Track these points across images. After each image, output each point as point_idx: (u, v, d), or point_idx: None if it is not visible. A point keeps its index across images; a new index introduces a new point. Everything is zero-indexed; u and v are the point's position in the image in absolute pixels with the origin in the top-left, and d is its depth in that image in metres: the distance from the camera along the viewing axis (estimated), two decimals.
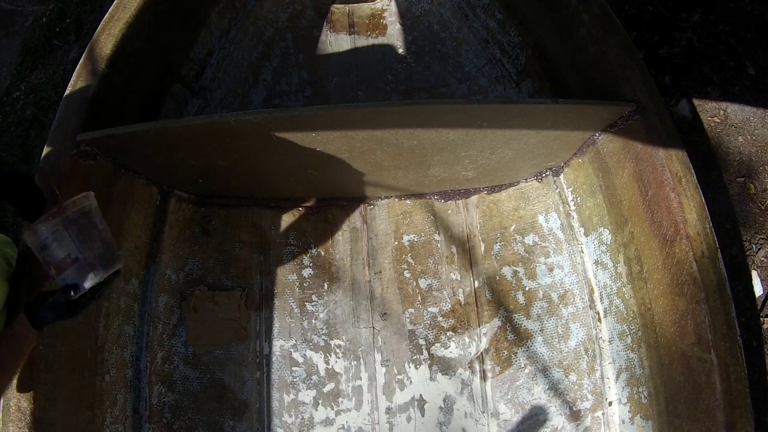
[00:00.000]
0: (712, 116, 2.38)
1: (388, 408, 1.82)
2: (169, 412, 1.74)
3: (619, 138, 1.74)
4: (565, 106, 1.66)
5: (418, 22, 2.38)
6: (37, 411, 1.34)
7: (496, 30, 2.28)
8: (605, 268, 1.83)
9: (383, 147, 1.71)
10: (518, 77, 2.21)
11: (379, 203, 2.05)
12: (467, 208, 2.05)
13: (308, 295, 1.93)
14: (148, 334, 1.77)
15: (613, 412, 1.75)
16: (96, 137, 1.53)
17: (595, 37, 1.77)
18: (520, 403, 1.81)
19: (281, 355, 1.85)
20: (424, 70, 2.30)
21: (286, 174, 1.86)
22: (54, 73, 2.81)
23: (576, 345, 1.84)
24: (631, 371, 1.72)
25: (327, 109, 1.71)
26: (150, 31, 1.82)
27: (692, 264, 1.49)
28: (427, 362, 1.86)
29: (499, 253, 1.97)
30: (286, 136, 1.65)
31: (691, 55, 2.46)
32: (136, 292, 1.78)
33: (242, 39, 2.28)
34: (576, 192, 1.96)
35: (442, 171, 1.90)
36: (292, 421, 1.79)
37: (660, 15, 2.54)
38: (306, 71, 2.30)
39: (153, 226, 1.87)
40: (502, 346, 1.87)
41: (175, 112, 2.08)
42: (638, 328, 1.69)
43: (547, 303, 1.90)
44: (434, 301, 1.93)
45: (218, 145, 1.68)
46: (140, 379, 1.73)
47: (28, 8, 3.03)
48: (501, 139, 1.73)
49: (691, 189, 1.55)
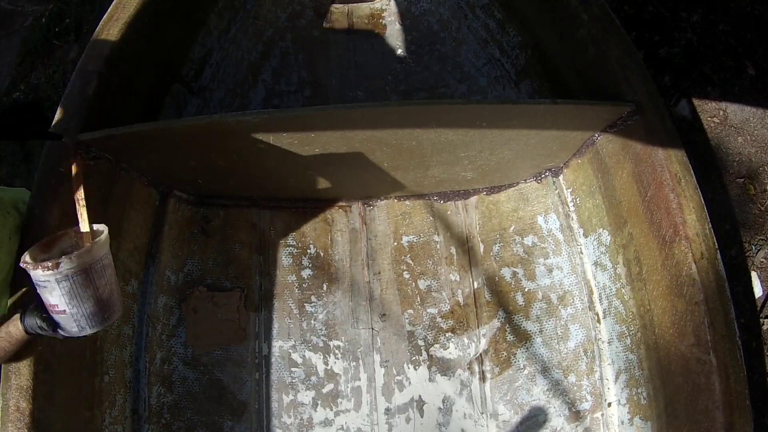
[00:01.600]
0: (712, 116, 2.38)
1: (387, 409, 1.82)
2: (168, 413, 1.74)
3: (619, 138, 1.74)
4: (564, 106, 1.65)
5: (418, 21, 2.38)
6: (36, 411, 1.34)
7: (496, 30, 2.27)
8: (604, 269, 1.83)
9: (382, 147, 1.70)
10: (518, 77, 2.21)
11: (378, 204, 2.05)
12: (466, 209, 2.05)
13: (307, 295, 1.93)
14: (147, 335, 1.77)
15: (612, 413, 1.75)
16: (96, 137, 1.53)
17: (595, 37, 1.76)
18: (519, 404, 1.81)
19: (280, 355, 1.85)
20: (424, 70, 2.30)
21: (286, 174, 1.86)
22: (54, 73, 2.81)
23: (575, 346, 1.84)
24: (630, 372, 1.72)
25: (326, 109, 1.71)
26: (150, 31, 1.82)
27: (691, 265, 1.49)
28: (426, 363, 1.86)
29: (499, 254, 1.97)
30: (285, 137, 1.65)
31: (691, 55, 2.46)
32: (135, 293, 1.78)
33: (241, 39, 2.28)
34: (575, 193, 1.95)
35: (441, 171, 1.90)
36: (291, 421, 1.79)
37: (660, 15, 2.54)
38: (305, 71, 2.30)
39: (152, 226, 1.87)
40: (501, 347, 1.87)
41: (174, 112, 2.08)
42: (637, 329, 1.68)
43: (546, 304, 1.90)
44: (433, 302, 1.93)
45: (217, 146, 1.68)
46: (139, 380, 1.73)
47: (27, 8, 3.03)
48: (500, 140, 1.73)
49: (691, 190, 1.55)
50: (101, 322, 1.21)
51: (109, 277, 1.23)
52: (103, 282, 1.20)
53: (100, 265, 1.20)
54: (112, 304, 1.24)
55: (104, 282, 1.21)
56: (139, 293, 1.80)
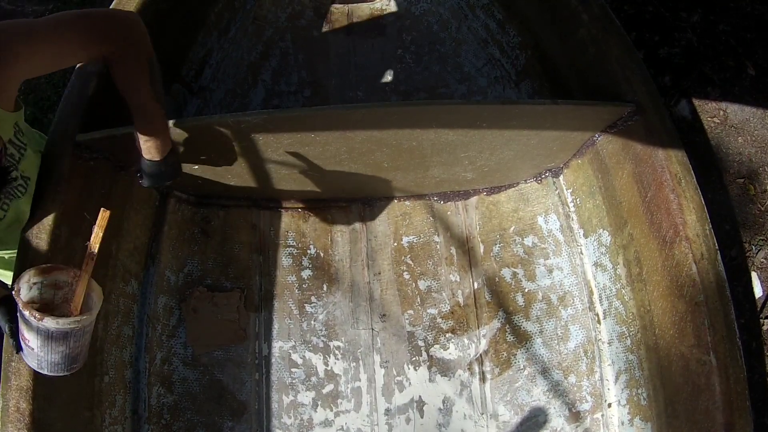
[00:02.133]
0: (712, 117, 2.38)
1: (387, 409, 1.82)
2: (168, 413, 1.74)
3: (619, 139, 1.74)
4: (564, 106, 1.65)
5: (418, 22, 2.38)
6: (36, 412, 1.34)
7: (496, 30, 2.27)
8: (604, 269, 1.83)
9: (382, 148, 1.70)
10: (518, 77, 2.21)
11: (378, 204, 2.05)
12: (466, 210, 2.05)
13: (307, 296, 1.93)
14: (147, 335, 1.77)
15: (613, 414, 1.75)
16: (96, 137, 1.53)
17: (595, 37, 1.76)
18: (519, 404, 1.81)
19: (280, 356, 1.85)
20: (424, 70, 2.30)
21: (286, 175, 1.85)
22: (54, 72, 2.81)
23: (575, 347, 1.84)
24: (630, 373, 1.72)
25: (326, 109, 1.71)
26: (149, 31, 1.82)
27: (692, 265, 1.49)
28: (426, 364, 1.86)
29: (499, 254, 1.97)
30: (285, 137, 1.65)
31: (691, 55, 2.46)
32: (135, 294, 1.78)
33: (241, 39, 2.28)
34: (575, 193, 1.95)
35: (441, 172, 1.90)
36: (291, 422, 1.79)
37: (660, 15, 2.54)
38: (305, 71, 2.30)
39: (152, 226, 1.87)
40: (501, 347, 1.87)
41: (174, 112, 2.08)
42: (637, 329, 1.68)
43: (546, 304, 1.90)
44: (433, 303, 1.93)
45: (217, 146, 1.68)
46: (139, 380, 1.73)
47: (28, 8, 3.03)
48: (500, 140, 1.73)
49: (691, 190, 1.55)
50: (60, 372, 1.23)
51: (85, 340, 1.24)
52: (78, 345, 1.22)
53: (80, 332, 1.21)
54: (78, 361, 1.25)
55: (78, 345, 1.22)
56: (139, 293, 1.79)
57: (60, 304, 1.27)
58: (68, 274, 1.27)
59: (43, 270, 1.25)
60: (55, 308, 1.26)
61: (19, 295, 1.17)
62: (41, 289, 1.24)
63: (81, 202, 1.56)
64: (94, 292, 1.27)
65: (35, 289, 1.23)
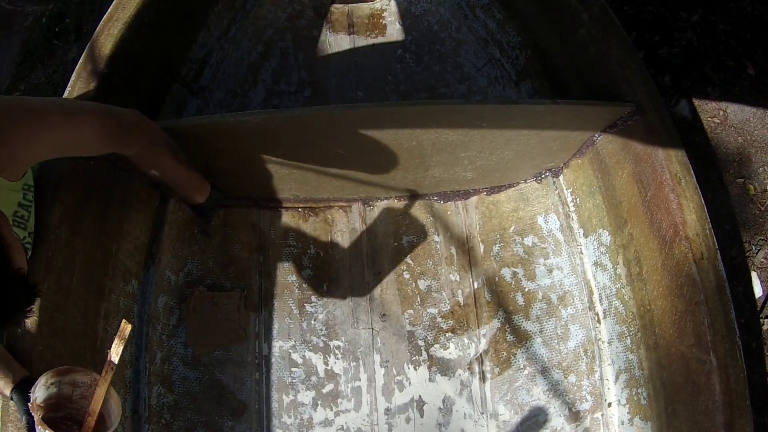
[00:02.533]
0: (712, 116, 2.38)
1: (387, 409, 1.82)
2: (168, 413, 1.74)
3: (619, 139, 1.74)
4: (564, 106, 1.66)
5: (418, 22, 2.38)
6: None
7: (496, 30, 2.27)
8: (604, 269, 1.83)
9: (382, 147, 1.70)
10: (518, 77, 2.21)
11: (378, 204, 2.05)
12: (467, 209, 2.05)
13: (307, 296, 1.93)
14: (147, 335, 1.77)
15: (612, 414, 1.75)
16: None
17: (595, 37, 1.76)
18: (519, 404, 1.81)
19: (280, 356, 1.85)
20: (424, 70, 2.30)
21: (285, 175, 1.86)
22: (54, 73, 2.81)
23: (575, 346, 1.84)
24: (630, 372, 1.72)
25: (326, 109, 1.71)
26: (149, 31, 1.82)
27: (691, 265, 1.49)
28: (426, 363, 1.86)
29: (499, 254, 1.97)
30: (285, 137, 1.65)
31: (691, 55, 2.46)
32: (135, 293, 1.78)
33: (241, 39, 2.28)
34: (575, 193, 1.96)
35: (441, 172, 1.90)
36: (291, 421, 1.79)
37: (660, 15, 2.54)
38: (305, 71, 2.30)
39: (152, 226, 1.87)
40: (501, 347, 1.87)
41: (174, 112, 2.08)
42: (637, 329, 1.68)
43: (546, 304, 1.90)
44: (433, 302, 1.93)
45: (217, 146, 1.68)
46: (139, 380, 1.73)
47: (27, 8, 3.03)
48: (500, 140, 1.73)
49: (691, 190, 1.55)
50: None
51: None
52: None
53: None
54: None
55: None
56: (139, 293, 1.80)
57: (78, 400, 1.29)
58: (87, 376, 1.28)
59: (60, 372, 1.26)
60: (72, 404, 1.28)
61: (35, 410, 1.18)
62: (60, 386, 1.26)
63: (81, 202, 1.56)
64: (112, 399, 1.28)
65: (53, 387, 1.25)
